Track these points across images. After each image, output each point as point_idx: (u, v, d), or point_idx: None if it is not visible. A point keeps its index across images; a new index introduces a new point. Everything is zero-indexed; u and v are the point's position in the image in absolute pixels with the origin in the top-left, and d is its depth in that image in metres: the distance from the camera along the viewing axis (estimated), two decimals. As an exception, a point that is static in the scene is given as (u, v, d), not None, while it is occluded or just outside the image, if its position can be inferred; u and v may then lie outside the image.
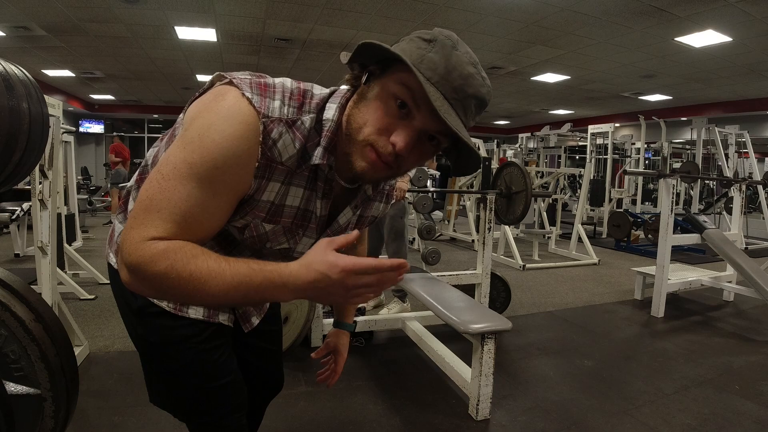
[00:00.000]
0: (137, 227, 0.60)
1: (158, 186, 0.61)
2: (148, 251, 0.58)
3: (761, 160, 12.56)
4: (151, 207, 0.60)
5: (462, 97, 0.62)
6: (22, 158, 1.25)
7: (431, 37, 0.63)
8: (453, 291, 2.36)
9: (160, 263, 0.58)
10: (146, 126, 13.71)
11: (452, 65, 0.61)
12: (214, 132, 0.61)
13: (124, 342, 2.50)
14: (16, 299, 1.09)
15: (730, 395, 2.14)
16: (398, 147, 0.63)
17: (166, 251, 0.58)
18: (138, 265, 0.58)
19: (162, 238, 0.60)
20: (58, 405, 1.10)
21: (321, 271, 0.56)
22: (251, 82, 0.65)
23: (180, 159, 0.61)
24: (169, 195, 0.60)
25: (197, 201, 0.61)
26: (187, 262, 0.58)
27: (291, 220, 0.74)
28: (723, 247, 3.44)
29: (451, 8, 4.97)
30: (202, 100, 0.67)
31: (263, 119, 0.63)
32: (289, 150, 0.67)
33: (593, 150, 7.29)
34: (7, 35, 5.99)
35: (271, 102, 0.65)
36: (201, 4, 4.98)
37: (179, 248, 0.59)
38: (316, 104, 0.69)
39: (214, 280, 0.58)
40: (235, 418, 0.90)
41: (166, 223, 0.60)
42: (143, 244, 0.59)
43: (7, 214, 4.43)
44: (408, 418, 1.89)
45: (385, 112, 0.63)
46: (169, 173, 0.61)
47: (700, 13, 4.73)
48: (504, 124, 15.23)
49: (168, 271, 0.57)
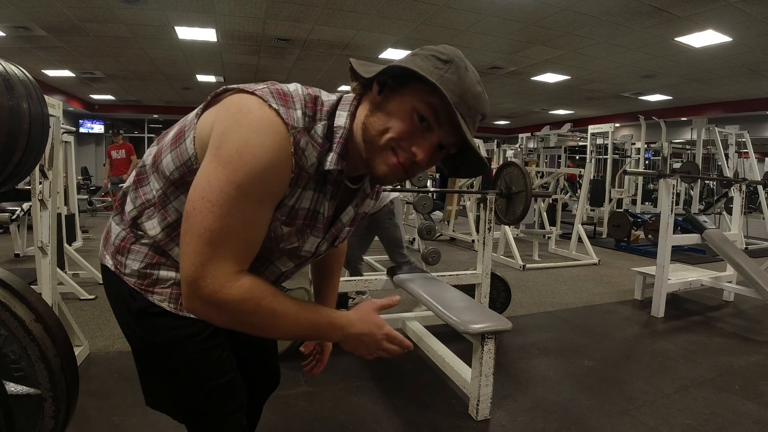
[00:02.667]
0: (211, 262, 0.65)
1: (211, 215, 0.64)
2: (236, 291, 0.66)
3: (761, 160, 12.56)
4: (216, 240, 0.64)
5: (473, 114, 0.69)
6: (22, 158, 1.24)
7: (447, 58, 0.67)
8: (453, 291, 2.36)
9: (248, 302, 0.66)
10: (146, 126, 13.71)
11: (466, 86, 0.67)
12: (253, 146, 0.63)
13: (124, 342, 2.48)
14: (16, 299, 1.09)
15: (730, 395, 2.14)
16: (419, 158, 0.69)
17: (252, 290, 0.67)
18: (228, 302, 0.66)
19: (240, 270, 0.67)
20: (58, 405, 1.09)
21: (371, 328, 0.75)
22: (272, 92, 0.67)
23: (225, 181, 0.63)
24: (228, 221, 0.64)
25: (254, 219, 0.67)
26: (271, 301, 0.68)
27: (303, 221, 0.77)
28: (723, 247, 3.44)
29: (451, 8, 4.97)
30: (223, 112, 0.68)
31: (292, 131, 0.66)
32: (310, 158, 0.70)
33: (593, 150, 7.29)
34: (7, 35, 5.99)
35: (294, 112, 0.67)
36: (201, 4, 4.98)
37: (261, 287, 0.68)
38: (327, 111, 0.72)
39: (289, 319, 0.69)
40: (235, 418, 0.89)
41: (238, 253, 0.67)
42: (229, 282, 0.65)
43: (7, 214, 4.43)
44: (408, 418, 1.89)
45: (409, 124, 0.68)
46: (217, 199, 0.63)
47: (700, 13, 4.73)
48: (504, 124, 15.23)
49: (255, 310, 0.67)
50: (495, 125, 15.32)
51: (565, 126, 8.28)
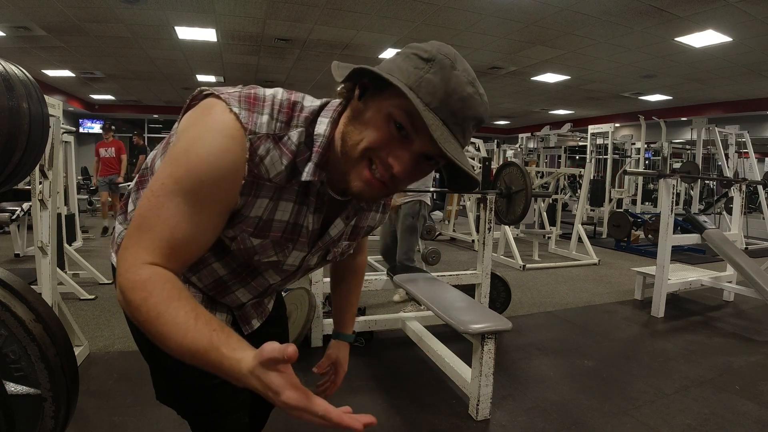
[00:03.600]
0: (131, 247, 0.61)
1: (148, 203, 0.61)
2: (132, 277, 0.58)
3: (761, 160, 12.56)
4: (143, 225, 0.61)
5: (461, 119, 0.61)
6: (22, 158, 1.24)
7: (429, 56, 0.61)
8: (453, 291, 2.36)
9: (138, 292, 0.57)
10: (146, 126, 13.70)
11: (451, 88, 0.60)
12: (200, 146, 0.61)
13: (124, 342, 2.50)
14: (16, 299, 1.09)
15: (730, 395, 2.14)
16: (396, 170, 0.62)
17: (148, 281, 0.58)
18: (122, 288, 0.59)
19: (154, 262, 0.60)
20: (58, 405, 1.09)
21: (265, 391, 0.50)
22: (240, 95, 0.64)
23: (167, 174, 0.61)
24: (159, 212, 0.60)
25: (185, 216, 0.61)
26: (161, 301, 0.57)
27: (280, 234, 0.73)
28: (723, 247, 3.44)
29: (451, 8, 4.97)
30: (191, 114, 0.67)
31: (250, 136, 0.62)
32: (276, 167, 0.65)
33: (593, 150, 7.29)
34: (7, 35, 5.98)
35: (259, 117, 0.63)
36: (201, 4, 4.98)
37: (160, 283, 0.58)
38: (306, 118, 0.67)
39: (176, 335, 0.55)
40: (235, 417, 0.90)
41: (157, 242, 0.60)
42: (133, 268, 0.59)
43: (7, 214, 4.43)
44: (408, 418, 1.89)
45: (385, 133, 0.62)
46: (157, 189, 0.61)
47: (700, 13, 4.73)
48: (504, 124, 15.23)
49: (140, 304, 0.57)
50: (495, 125, 15.31)
51: (565, 126, 8.27)
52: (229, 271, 0.81)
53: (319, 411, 0.49)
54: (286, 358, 0.48)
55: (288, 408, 0.50)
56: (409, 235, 3.03)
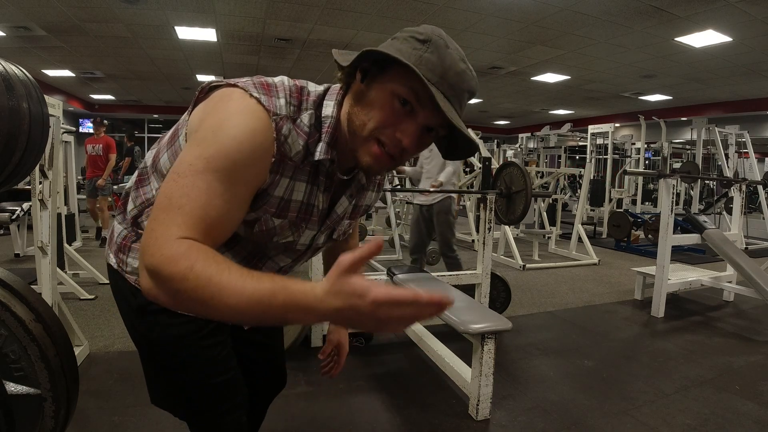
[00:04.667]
0: (158, 227, 0.57)
1: (175, 184, 0.60)
2: (169, 250, 0.55)
3: (761, 160, 12.56)
4: (171, 206, 0.58)
5: (458, 92, 0.67)
6: (22, 158, 1.24)
7: (425, 37, 0.66)
8: (453, 291, 2.36)
9: (180, 263, 0.53)
10: (146, 126, 13.71)
11: (447, 65, 0.65)
12: (229, 127, 0.62)
13: (124, 342, 2.50)
14: (16, 299, 1.09)
15: (730, 395, 2.14)
16: (405, 143, 0.67)
17: (188, 251, 0.55)
18: (158, 266, 0.54)
19: (188, 237, 0.57)
20: (58, 405, 1.09)
21: (350, 300, 0.50)
22: (254, 83, 0.67)
23: (195, 155, 0.61)
24: (188, 191, 0.59)
25: (217, 193, 0.60)
26: (208, 265, 0.54)
27: (296, 214, 0.76)
28: (723, 247, 3.44)
29: (451, 8, 4.97)
30: (207, 104, 0.68)
31: (273, 117, 0.65)
32: (295, 146, 0.69)
33: (593, 150, 7.30)
34: (7, 35, 5.99)
35: (277, 100, 0.67)
36: (201, 4, 4.98)
37: (202, 250, 0.56)
38: (314, 101, 0.72)
39: (234, 289, 0.52)
40: (234, 417, 0.90)
41: (189, 219, 0.58)
42: (165, 243, 0.55)
43: (7, 214, 4.43)
44: (408, 418, 1.89)
45: (390, 110, 0.67)
46: (185, 171, 0.60)
47: (700, 13, 4.73)
48: (504, 124, 15.23)
49: (186, 273, 0.53)
50: (495, 125, 15.31)
51: (565, 126, 8.28)
52: (239, 260, 0.81)
53: (409, 295, 0.49)
54: (373, 252, 0.50)
55: (378, 305, 0.49)
56: (447, 229, 3.46)
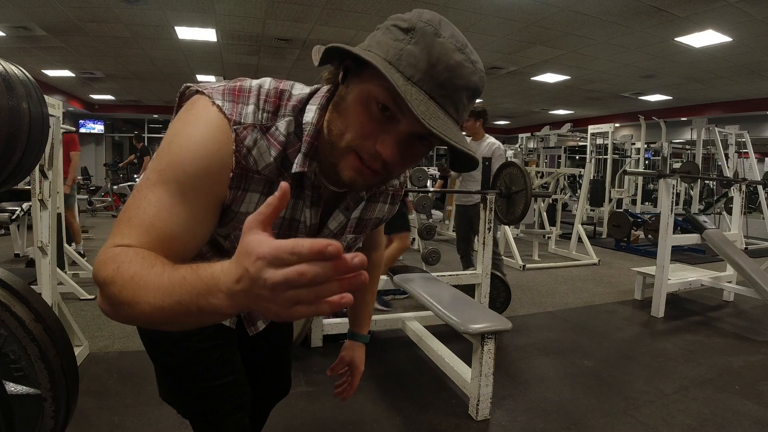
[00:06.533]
0: (108, 241, 0.55)
1: (131, 198, 0.58)
2: (102, 256, 0.52)
3: (761, 160, 12.56)
4: (122, 218, 0.57)
5: (451, 91, 0.55)
6: (22, 158, 1.24)
7: (409, 25, 0.56)
8: (453, 291, 2.36)
9: (108, 266, 0.50)
10: (146, 126, 13.70)
11: (435, 57, 0.53)
12: (182, 137, 0.59)
13: (124, 342, 2.50)
14: (16, 299, 1.09)
15: (730, 395, 2.14)
16: (385, 156, 0.57)
17: (118, 254, 0.51)
18: (94, 275, 0.52)
19: (128, 244, 0.53)
20: (58, 405, 1.09)
21: (242, 263, 0.38)
22: (224, 89, 0.62)
23: (151, 168, 0.59)
24: (139, 203, 0.56)
25: (165, 206, 0.56)
26: (133, 264, 0.49)
27: (276, 231, 0.69)
28: (723, 247, 3.44)
29: (451, 8, 4.97)
30: (179, 113, 0.65)
31: (234, 126, 0.59)
32: (265, 158, 0.62)
33: (593, 150, 7.29)
34: (7, 35, 5.98)
35: (244, 107, 0.61)
36: (201, 4, 4.97)
37: (133, 252, 0.51)
38: (294, 106, 0.64)
39: (153, 283, 0.46)
40: (236, 418, 0.90)
41: (133, 230, 0.54)
42: (102, 252, 0.53)
43: (7, 214, 4.43)
44: (408, 418, 1.89)
45: (368, 117, 0.57)
46: (141, 184, 0.59)
47: (700, 13, 4.73)
48: (504, 124, 15.23)
49: (114, 275, 0.49)
50: (495, 125, 15.31)
51: (565, 126, 8.27)
52: None
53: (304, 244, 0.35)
54: (278, 201, 0.39)
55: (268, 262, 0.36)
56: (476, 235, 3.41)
